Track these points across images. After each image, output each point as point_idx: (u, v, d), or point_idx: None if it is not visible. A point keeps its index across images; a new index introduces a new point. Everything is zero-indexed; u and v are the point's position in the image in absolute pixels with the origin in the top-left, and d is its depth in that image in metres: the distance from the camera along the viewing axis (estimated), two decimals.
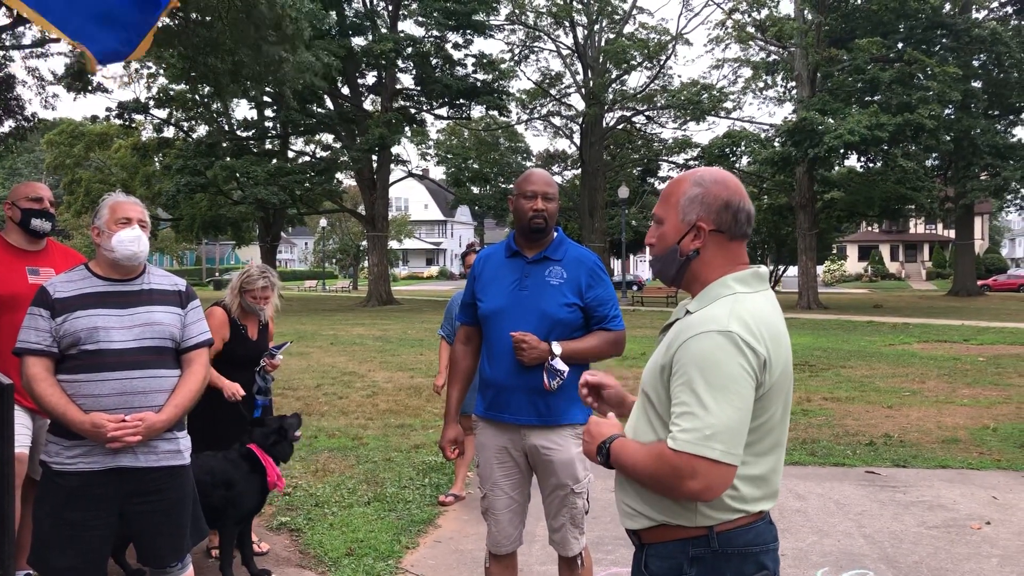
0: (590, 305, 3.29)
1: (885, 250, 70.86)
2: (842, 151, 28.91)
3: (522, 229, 3.37)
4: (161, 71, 30.10)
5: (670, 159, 43.65)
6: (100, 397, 2.96)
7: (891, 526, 5.23)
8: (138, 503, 3.04)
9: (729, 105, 38.65)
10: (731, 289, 1.94)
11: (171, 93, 31.75)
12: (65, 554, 2.99)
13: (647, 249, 2.14)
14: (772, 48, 35.10)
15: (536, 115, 42.73)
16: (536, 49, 40.79)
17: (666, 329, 2.06)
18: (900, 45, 31.29)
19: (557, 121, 42.83)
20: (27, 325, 3.01)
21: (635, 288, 44.11)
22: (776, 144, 31.57)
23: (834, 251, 67.28)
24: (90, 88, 24.62)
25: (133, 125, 34.72)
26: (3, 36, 14.83)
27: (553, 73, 41.33)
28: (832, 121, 27.22)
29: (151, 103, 32.45)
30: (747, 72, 38.40)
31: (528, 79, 44.14)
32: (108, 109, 31.72)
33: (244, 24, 9.46)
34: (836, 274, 64.52)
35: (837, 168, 34.01)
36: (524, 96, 41.26)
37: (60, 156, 43.41)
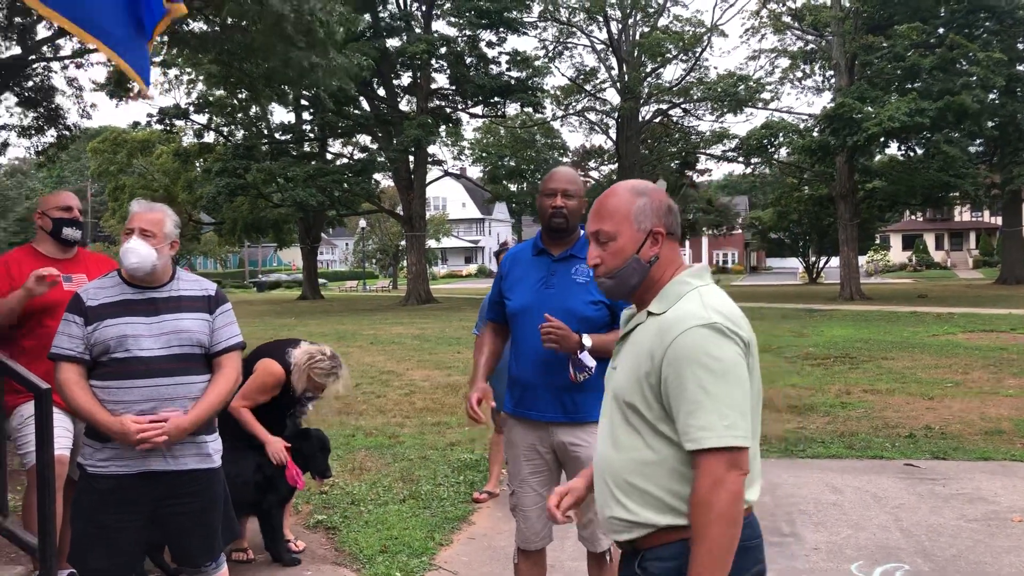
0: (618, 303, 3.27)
1: (930, 239, 69.54)
2: (882, 139, 28.45)
3: (544, 227, 3.39)
4: (200, 77, 30.55)
5: (708, 151, 43.32)
6: (131, 403, 3.02)
7: (929, 519, 5.16)
8: (169, 506, 3.11)
9: (767, 96, 38.20)
10: (690, 284, 2.00)
11: (210, 98, 32.22)
12: (99, 555, 3.07)
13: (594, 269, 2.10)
14: (809, 37, 34.67)
15: (571, 111, 42.68)
16: (570, 45, 40.70)
17: (624, 338, 2.09)
18: (941, 30, 30.66)
19: (592, 116, 42.73)
20: (61, 331, 3.08)
21: None
22: (814, 133, 31.17)
23: (877, 241, 66.34)
24: (132, 95, 25.06)
25: (174, 131, 35.28)
26: (44, 49, 15.13)
27: (587, 68, 41.22)
28: (870, 108, 26.79)
29: (191, 109, 32.95)
30: (784, 62, 37.97)
31: (562, 75, 44.15)
32: (149, 115, 32.26)
33: (273, 31, 9.56)
34: (879, 264, 63.50)
35: (878, 157, 33.50)
36: (559, 92, 41.22)
37: (104, 163, 44.31)
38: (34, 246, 4.11)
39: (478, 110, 36.81)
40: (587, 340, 3.16)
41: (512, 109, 37.74)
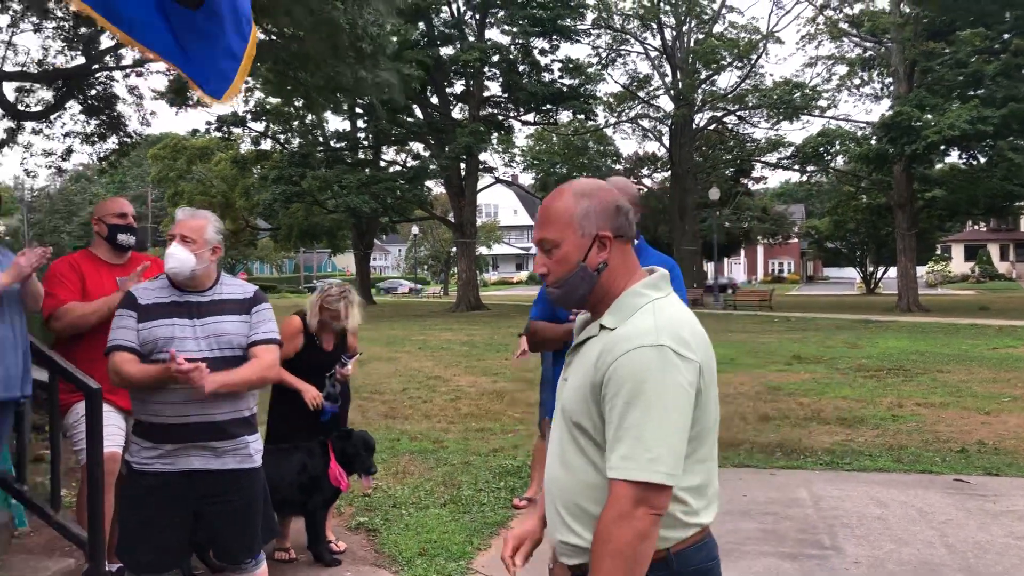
0: None
1: (994, 249, 67.72)
2: (942, 147, 27.84)
3: None
4: (257, 85, 31.16)
5: (763, 159, 42.86)
6: (176, 404, 3.12)
7: (976, 536, 5.06)
8: (211, 504, 3.20)
9: (823, 103, 37.70)
10: (646, 297, 1.87)
11: (267, 106, 32.83)
12: (146, 549, 3.18)
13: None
14: (867, 44, 34.09)
15: (624, 118, 42.60)
16: (623, 52, 40.63)
17: (576, 349, 1.97)
18: (1006, 36, 29.92)
19: (646, 123, 42.66)
20: (117, 325, 3.19)
21: (729, 291, 43.09)
22: (872, 141, 30.64)
23: (938, 251, 64.80)
24: (191, 103, 25.66)
25: (232, 138, 36.00)
26: (107, 58, 15.59)
27: (641, 75, 41.16)
28: (930, 116, 26.24)
29: (248, 116, 33.61)
30: (842, 69, 37.38)
31: (615, 82, 44.10)
32: (208, 123, 33.05)
33: (326, 42, 9.76)
34: (940, 275, 62.02)
35: (939, 165, 32.78)
36: (612, 99, 41.17)
37: (164, 169, 45.39)
38: (91, 250, 4.26)
39: (530, 117, 36.95)
40: None
41: (564, 116, 37.81)
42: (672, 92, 39.09)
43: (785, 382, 11.59)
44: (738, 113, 40.97)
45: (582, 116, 36.52)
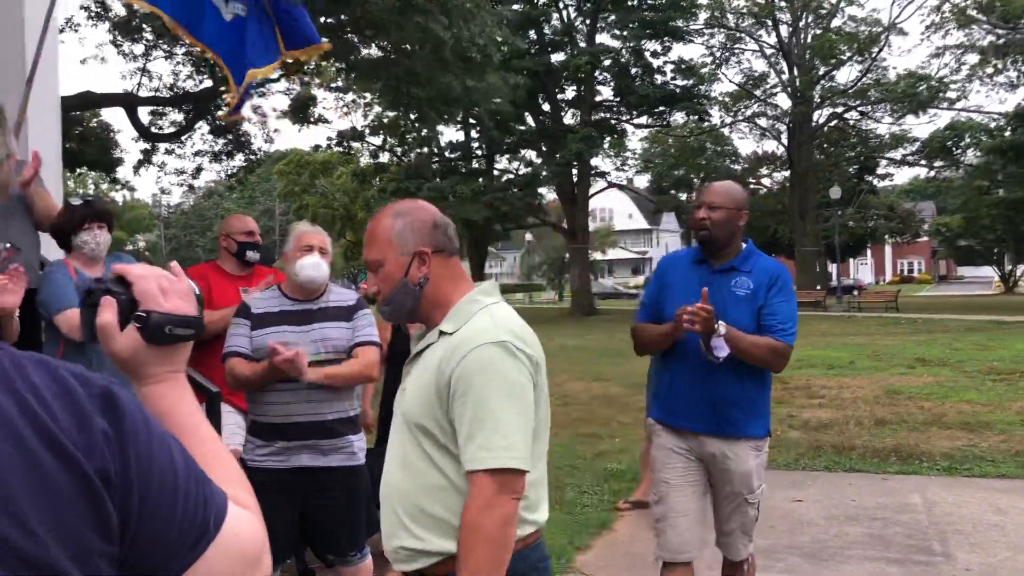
0: (763, 312, 3.20)
1: None
2: None
3: (696, 239, 3.42)
4: (374, 99, 32.16)
5: (887, 155, 41.25)
6: (288, 404, 3.38)
7: None
8: (318, 499, 3.43)
9: (952, 95, 35.97)
10: (480, 303, 1.97)
11: (384, 120, 33.79)
12: None
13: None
14: (1000, 31, 32.38)
15: (740, 117, 41.78)
16: (737, 51, 39.88)
17: (415, 358, 2.04)
18: None
19: (763, 122, 41.65)
20: (232, 333, 3.48)
21: (855, 293, 41.33)
22: (1006, 133, 29.08)
23: None
24: (313, 120, 26.73)
25: (351, 152, 37.19)
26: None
27: (757, 74, 40.24)
28: None
29: (367, 131, 34.66)
30: (973, 58, 35.61)
31: (730, 81, 43.30)
32: (329, 138, 34.20)
33: (433, 56, 10.07)
34: None
35: None
36: (727, 98, 40.46)
37: (289, 184, 47.28)
38: (218, 263, 4.60)
39: (643, 120, 36.71)
40: (722, 327, 3.08)
41: (678, 118, 37.41)
42: (789, 89, 38.12)
43: (906, 385, 11.18)
44: (860, 108, 39.54)
45: (696, 117, 36.04)
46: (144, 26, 17.17)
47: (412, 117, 24.87)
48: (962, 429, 8.21)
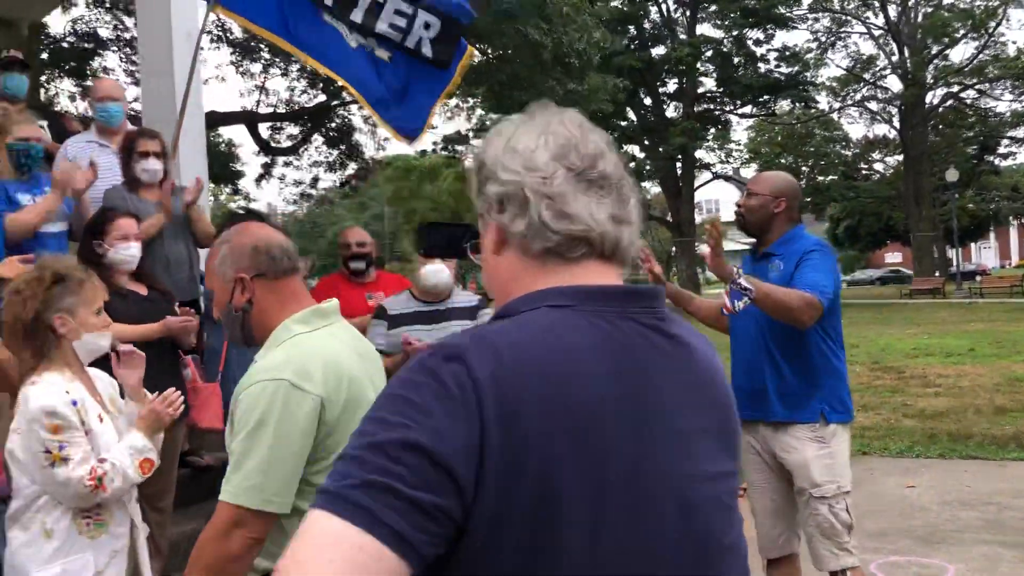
0: (791, 284, 3.12)
1: None
2: None
3: None
4: (477, 104, 32.76)
5: (1009, 134, 39.41)
6: None
7: None
8: None
9: None
10: (291, 332, 1.95)
11: (487, 123, 34.36)
12: None
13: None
14: None
15: (849, 102, 40.67)
16: (843, 35, 38.85)
17: None
18: None
19: (873, 106, 40.43)
20: (371, 332, 3.89)
21: (977, 278, 39.39)
22: None
23: None
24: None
25: (457, 155, 37.96)
26: (344, 94, 17.19)
27: (865, 57, 39.12)
28: None
29: (471, 134, 35.31)
30: None
31: (837, 66, 42.21)
32: (434, 143, 35.00)
33: (532, 61, 10.39)
34: None
35: None
36: (835, 83, 39.47)
37: (397, 189, 48.56)
38: (343, 271, 5.04)
39: (747, 110, 36.22)
40: (741, 277, 3.06)
41: (784, 106, 36.73)
42: (900, 71, 36.91)
43: None
44: (977, 87, 37.93)
45: (802, 104, 35.31)
46: (262, 46, 18.13)
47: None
48: None
